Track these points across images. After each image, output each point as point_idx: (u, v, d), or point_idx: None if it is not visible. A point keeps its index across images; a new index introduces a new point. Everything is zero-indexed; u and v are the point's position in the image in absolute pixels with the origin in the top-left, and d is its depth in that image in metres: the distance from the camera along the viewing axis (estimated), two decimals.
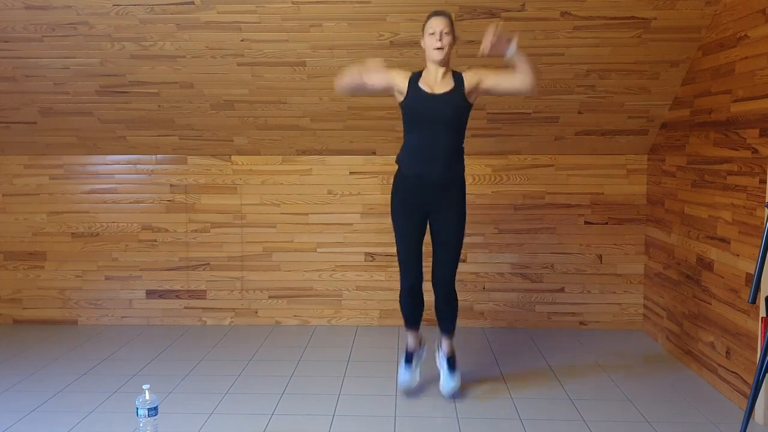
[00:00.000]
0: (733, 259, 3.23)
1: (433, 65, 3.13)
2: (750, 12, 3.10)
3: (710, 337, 3.47)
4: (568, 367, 3.76)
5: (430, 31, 3.06)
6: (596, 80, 3.91)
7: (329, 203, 4.55)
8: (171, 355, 4.02)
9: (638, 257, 4.44)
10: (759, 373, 2.36)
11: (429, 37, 3.07)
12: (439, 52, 3.06)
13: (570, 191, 4.44)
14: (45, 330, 4.55)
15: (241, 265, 4.61)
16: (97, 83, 4.07)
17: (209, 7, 3.58)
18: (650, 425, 3.01)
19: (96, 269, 4.65)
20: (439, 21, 3.06)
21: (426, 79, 3.15)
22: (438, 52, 3.06)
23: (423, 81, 3.15)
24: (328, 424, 3.05)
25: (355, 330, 4.50)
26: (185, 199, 4.59)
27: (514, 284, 4.51)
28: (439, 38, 3.04)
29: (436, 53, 3.06)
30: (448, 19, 3.09)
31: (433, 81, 3.14)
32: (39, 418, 3.11)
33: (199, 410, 3.19)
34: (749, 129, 3.10)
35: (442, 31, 3.04)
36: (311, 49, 3.80)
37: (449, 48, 3.08)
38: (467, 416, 3.12)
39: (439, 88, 3.13)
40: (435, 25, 3.05)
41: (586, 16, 3.57)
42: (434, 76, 3.14)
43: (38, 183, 4.64)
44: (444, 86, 3.13)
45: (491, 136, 4.30)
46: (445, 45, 3.05)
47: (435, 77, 3.14)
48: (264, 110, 4.20)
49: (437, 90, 3.12)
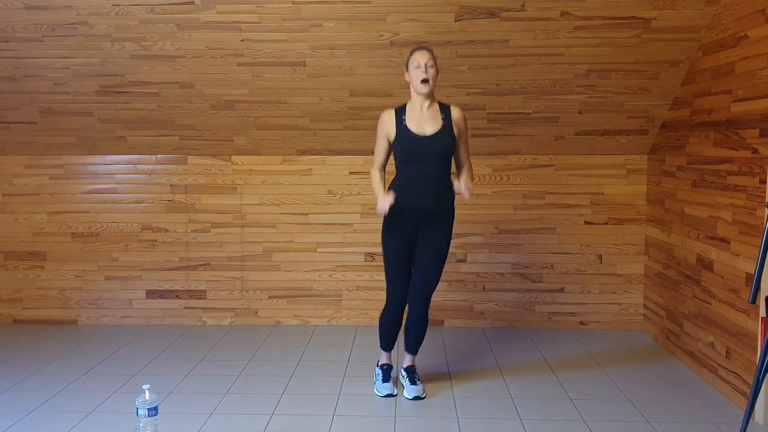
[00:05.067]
0: (733, 259, 3.23)
1: (419, 97, 3.22)
2: (750, 12, 3.10)
3: (710, 337, 3.47)
4: (568, 367, 3.76)
5: (415, 64, 3.16)
6: (596, 80, 3.91)
7: (329, 203, 4.55)
8: (171, 355, 4.02)
9: (638, 257, 4.44)
10: (759, 373, 2.36)
11: (414, 70, 3.17)
12: (426, 85, 3.16)
13: (570, 191, 4.44)
14: (45, 330, 4.55)
15: (241, 265, 4.61)
16: (97, 83, 4.07)
17: (209, 7, 3.58)
18: (650, 425, 3.01)
19: (96, 269, 4.65)
20: (423, 54, 3.17)
21: (412, 115, 3.22)
22: (424, 85, 3.16)
23: (409, 118, 3.22)
24: (328, 424, 3.05)
25: (355, 330, 4.50)
26: (185, 199, 4.59)
27: (514, 284, 4.51)
28: (424, 71, 3.14)
29: (423, 86, 3.16)
30: (431, 52, 3.20)
31: (420, 116, 3.21)
32: (39, 418, 3.11)
33: (199, 410, 3.19)
34: (749, 129, 3.10)
35: (426, 63, 3.15)
36: (311, 49, 3.80)
37: (434, 80, 3.18)
38: (467, 416, 3.12)
39: (428, 125, 3.20)
40: (419, 58, 3.16)
41: (586, 16, 3.57)
42: (420, 109, 3.22)
43: (38, 183, 4.64)
44: (432, 122, 3.21)
45: (491, 136, 4.30)
46: (431, 77, 3.16)
47: (421, 110, 3.22)
48: (264, 110, 4.20)
49: (427, 129, 3.19)
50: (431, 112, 3.22)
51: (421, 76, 3.14)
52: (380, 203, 3.14)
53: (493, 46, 3.73)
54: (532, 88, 3.97)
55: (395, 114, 3.25)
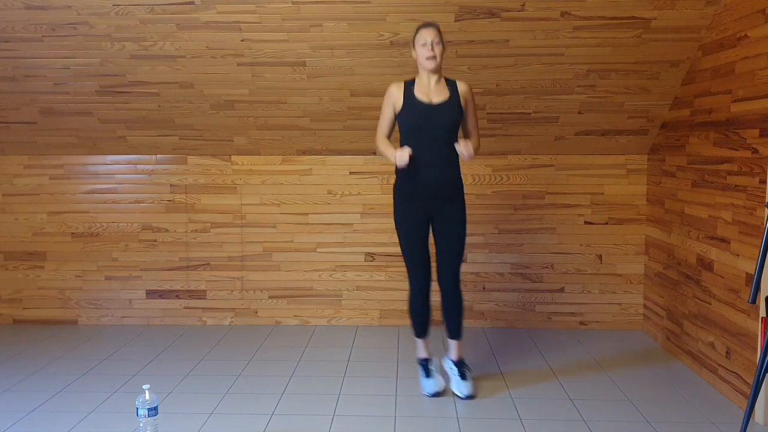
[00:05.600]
0: (733, 259, 3.23)
1: (426, 73, 3.25)
2: (750, 12, 3.10)
3: (710, 337, 3.47)
4: (568, 367, 3.76)
5: (422, 42, 3.19)
6: (596, 80, 3.91)
7: (329, 203, 4.55)
8: (171, 355, 4.02)
9: (638, 257, 4.44)
10: (759, 373, 2.36)
11: (421, 47, 3.20)
12: (432, 61, 3.19)
13: (570, 191, 4.44)
14: (45, 330, 4.55)
15: (241, 265, 4.61)
16: (97, 83, 4.07)
17: (209, 7, 3.58)
18: (650, 425, 3.01)
19: (96, 269, 4.66)
20: (429, 32, 3.19)
21: (420, 87, 3.26)
22: (431, 61, 3.19)
23: (418, 89, 3.26)
24: (328, 424, 3.05)
25: (355, 330, 4.50)
26: (185, 199, 4.59)
27: (514, 284, 4.51)
28: (431, 48, 3.18)
29: (430, 62, 3.20)
30: (437, 29, 3.22)
31: (428, 89, 3.25)
32: (39, 418, 3.11)
33: (199, 410, 3.19)
34: (749, 129, 3.10)
35: (432, 41, 3.18)
36: (311, 49, 3.80)
37: (441, 56, 3.21)
38: (467, 416, 3.13)
39: (435, 96, 3.24)
40: (426, 35, 3.19)
41: (586, 16, 3.57)
42: (428, 84, 3.26)
43: (38, 183, 4.64)
44: (440, 94, 3.24)
45: (491, 136, 4.30)
46: (437, 54, 3.19)
47: (429, 84, 3.26)
48: (264, 110, 4.20)
49: (434, 99, 3.23)
50: (439, 86, 3.26)
51: (427, 53, 3.17)
52: (399, 154, 3.13)
53: (493, 46, 3.73)
54: (532, 88, 3.97)
55: (404, 85, 3.28)
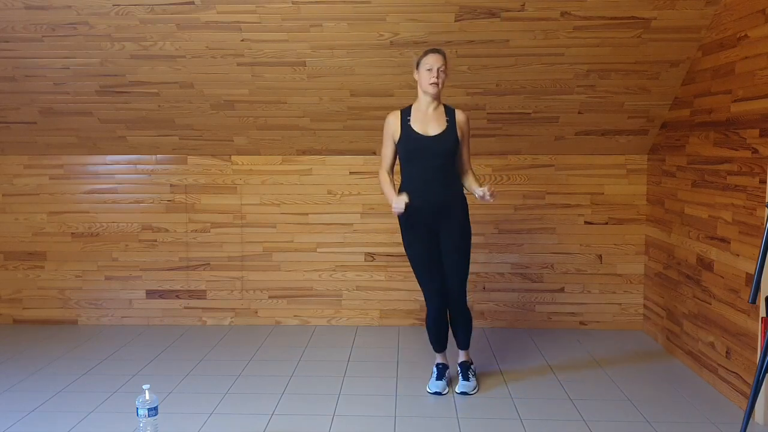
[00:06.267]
0: (733, 259, 3.23)
1: (426, 98, 3.28)
2: (750, 12, 3.10)
3: (710, 337, 3.47)
4: (568, 367, 3.76)
5: (427, 66, 3.22)
6: (596, 80, 3.91)
7: (329, 203, 4.55)
8: (171, 355, 4.02)
9: (638, 257, 4.44)
10: (759, 373, 2.36)
11: (425, 72, 3.23)
12: (434, 87, 3.24)
13: (570, 191, 4.44)
14: (45, 330, 4.55)
15: (241, 265, 4.61)
16: (97, 83, 4.07)
17: (209, 7, 3.58)
18: (650, 425, 3.01)
19: (96, 269, 4.65)
20: (436, 58, 3.23)
21: (417, 116, 3.28)
22: (433, 87, 3.24)
23: (414, 119, 3.28)
24: (328, 424, 3.05)
25: (355, 330, 4.50)
26: (185, 199, 4.59)
27: (514, 284, 4.51)
28: (435, 75, 3.21)
29: (432, 87, 3.24)
30: (443, 56, 3.26)
31: (425, 116, 3.28)
32: (39, 418, 3.11)
33: (199, 410, 3.19)
34: (749, 129, 3.10)
35: (439, 68, 3.22)
36: (311, 49, 3.80)
37: (443, 83, 3.26)
38: (467, 416, 3.12)
39: (432, 126, 3.26)
40: (432, 61, 3.22)
41: (586, 16, 3.57)
42: (425, 110, 3.28)
43: (38, 183, 4.64)
44: (437, 124, 3.27)
45: (491, 136, 4.30)
46: (441, 81, 3.23)
47: (426, 111, 3.28)
48: (264, 110, 4.20)
49: (431, 130, 3.26)
50: (436, 114, 3.28)
51: (431, 79, 3.20)
52: (395, 204, 3.17)
53: (493, 46, 3.73)
54: (532, 88, 3.97)
55: (400, 115, 3.31)
